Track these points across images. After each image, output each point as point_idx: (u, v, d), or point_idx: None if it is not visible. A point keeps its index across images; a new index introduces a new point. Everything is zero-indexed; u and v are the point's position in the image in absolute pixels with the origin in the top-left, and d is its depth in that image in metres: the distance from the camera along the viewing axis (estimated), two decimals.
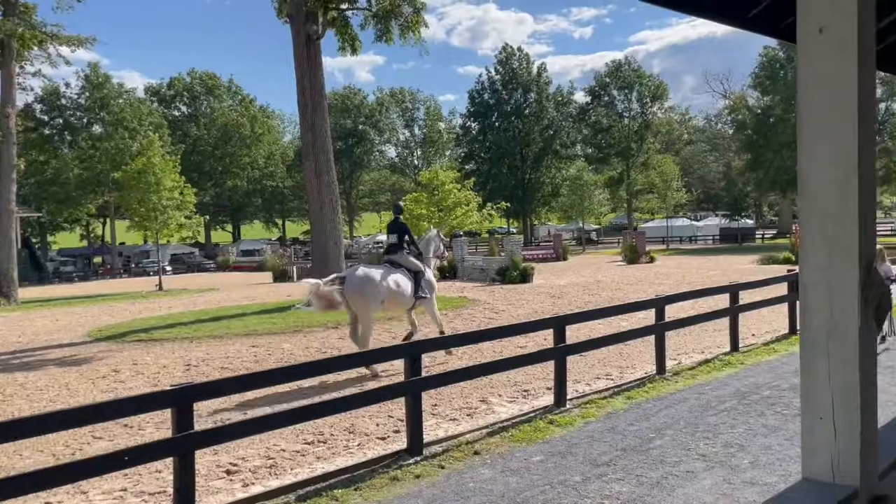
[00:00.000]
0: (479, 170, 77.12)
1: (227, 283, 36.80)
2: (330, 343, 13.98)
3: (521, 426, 7.57)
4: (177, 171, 34.87)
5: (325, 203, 21.62)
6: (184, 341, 15.10)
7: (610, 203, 71.73)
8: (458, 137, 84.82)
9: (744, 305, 12.13)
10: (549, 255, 43.54)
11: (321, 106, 22.03)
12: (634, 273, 29.75)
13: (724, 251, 47.01)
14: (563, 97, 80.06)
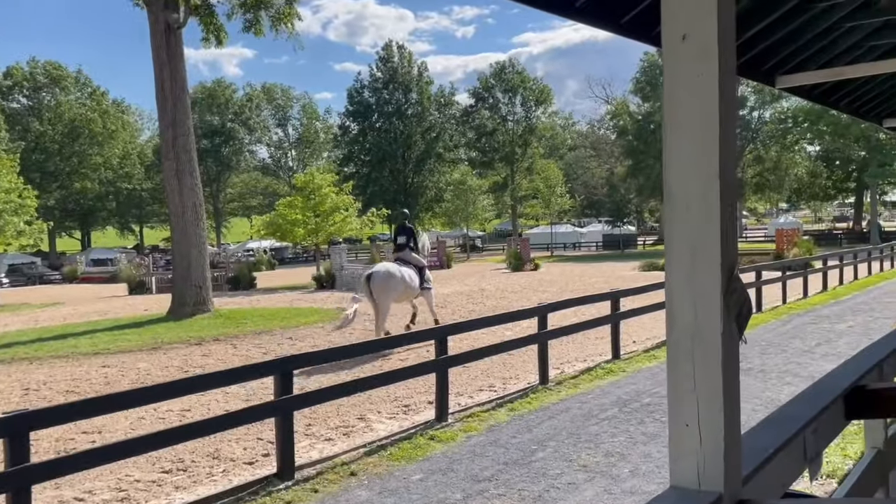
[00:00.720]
0: (359, 173, 76.89)
1: (75, 297, 34.64)
2: (193, 361, 13.44)
3: (401, 444, 7.57)
4: (15, 172, 32.55)
5: (187, 207, 20.83)
6: (22, 362, 14.07)
7: (494, 209, 73.39)
8: (337, 138, 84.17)
9: (625, 312, 12.71)
10: (433, 262, 43.93)
11: (182, 100, 21.23)
12: (519, 281, 30.56)
13: (607, 258, 49.19)
14: (446, 98, 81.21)
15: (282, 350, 14.01)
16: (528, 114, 77.10)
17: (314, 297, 26.84)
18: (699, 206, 1.71)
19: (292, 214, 35.17)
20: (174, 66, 20.85)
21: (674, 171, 1.75)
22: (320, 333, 16.42)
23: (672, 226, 1.76)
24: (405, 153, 77.58)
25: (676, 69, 1.75)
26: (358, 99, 78.71)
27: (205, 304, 20.77)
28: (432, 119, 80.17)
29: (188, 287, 20.65)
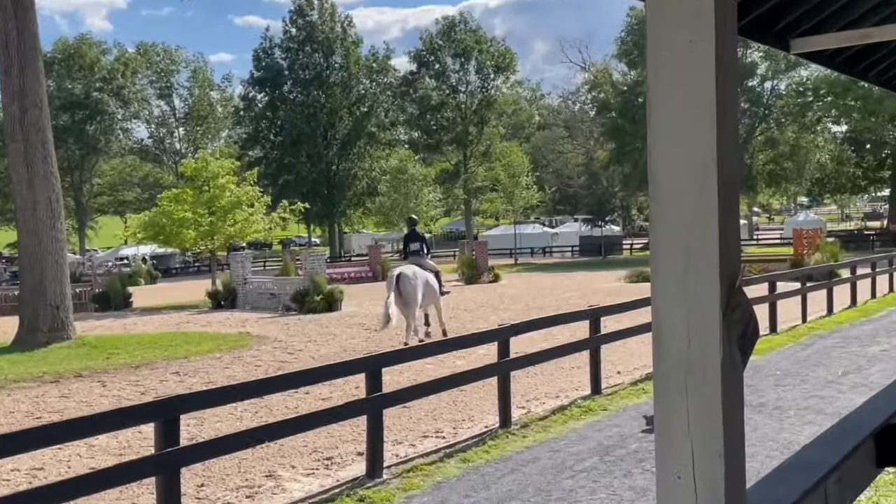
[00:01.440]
0: (268, 157, 76.47)
1: None
2: (48, 404, 13.16)
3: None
4: None
5: (39, 203, 20.44)
6: None
7: (443, 204, 73.67)
8: (239, 112, 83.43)
9: (607, 335, 12.88)
10: (364, 273, 43.85)
11: (34, 64, 20.83)
12: (474, 296, 30.72)
13: (585, 266, 49.77)
14: (379, 63, 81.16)
15: (166, 388, 13.82)
16: (485, 84, 77.69)
17: (209, 318, 26.55)
18: (692, 200, 1.74)
19: (180, 212, 34.69)
20: (21, 18, 20.45)
21: (660, 158, 1.77)
22: (217, 366, 16.25)
23: (658, 226, 1.78)
24: (328, 133, 77.37)
25: (662, 30, 1.77)
26: (266, 62, 78.21)
27: (63, 330, 20.40)
28: (362, 89, 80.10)
29: (41, 307, 20.26)
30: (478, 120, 76.65)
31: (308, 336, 20.51)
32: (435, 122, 77.64)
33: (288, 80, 78.04)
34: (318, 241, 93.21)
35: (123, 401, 12.93)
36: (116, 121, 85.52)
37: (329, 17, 78.89)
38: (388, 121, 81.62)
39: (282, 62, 78.69)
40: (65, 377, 15.59)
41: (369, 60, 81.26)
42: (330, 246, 79.69)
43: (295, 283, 28.66)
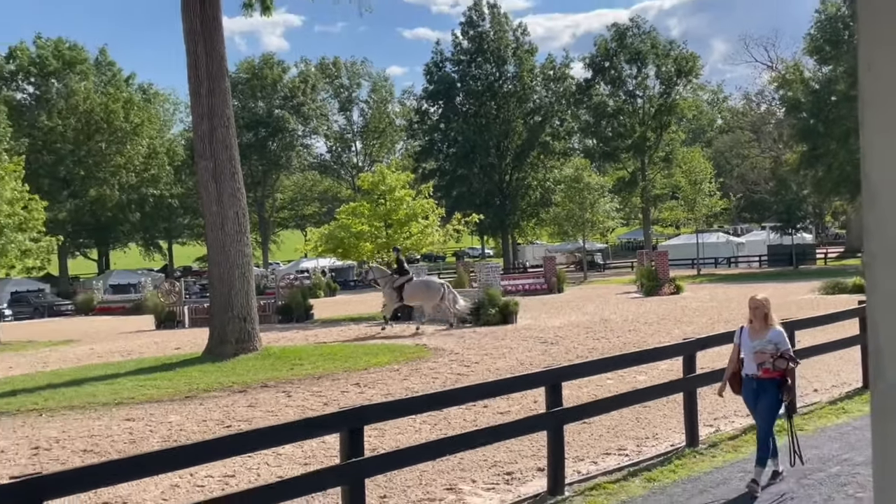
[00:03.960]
0: (442, 169, 77.57)
1: (92, 332, 36.21)
2: (237, 413, 13.83)
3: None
4: (19, 177, 34.37)
5: (227, 218, 21.45)
6: (30, 414, 14.82)
7: (621, 213, 72.55)
8: (413, 126, 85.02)
9: (802, 350, 12.31)
10: (539, 285, 43.84)
11: (221, 85, 21.91)
12: (655, 308, 30.07)
13: (775, 277, 47.83)
14: (557, 71, 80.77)
15: (347, 399, 14.25)
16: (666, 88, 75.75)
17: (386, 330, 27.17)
18: None
19: (357, 225, 35.69)
20: (210, 41, 21.57)
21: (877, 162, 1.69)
22: (395, 378, 16.60)
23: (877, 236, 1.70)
24: (501, 143, 77.75)
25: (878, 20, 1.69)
26: (439, 75, 79.23)
27: (250, 341, 21.27)
28: (536, 99, 79.98)
29: (229, 319, 21.20)
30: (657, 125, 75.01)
31: (484, 349, 20.64)
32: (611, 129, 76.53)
33: (460, 91, 78.85)
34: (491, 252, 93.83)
35: (307, 411, 13.43)
36: (297, 137, 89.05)
37: (501, 27, 79.21)
38: (564, 130, 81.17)
39: (453, 74, 79.51)
40: (252, 387, 16.33)
41: (545, 68, 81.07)
42: (503, 257, 79.98)
43: (470, 294, 28.94)
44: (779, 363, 7.79)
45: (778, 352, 7.87)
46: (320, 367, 18.27)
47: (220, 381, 17.04)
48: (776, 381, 7.86)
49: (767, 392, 7.87)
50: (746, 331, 8.12)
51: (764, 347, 7.90)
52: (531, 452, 9.90)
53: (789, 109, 67.94)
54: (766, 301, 8.21)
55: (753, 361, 7.95)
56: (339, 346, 22.63)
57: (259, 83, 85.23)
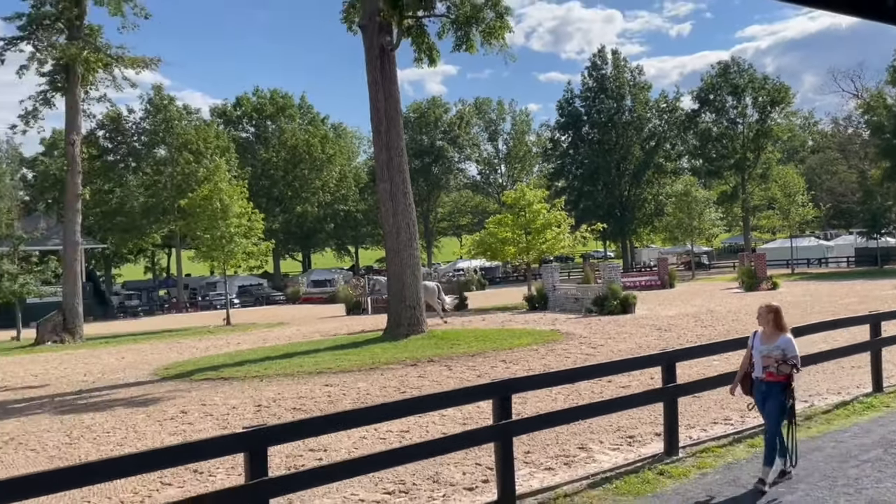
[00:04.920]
0: (571, 187, 76.77)
1: (298, 317, 37.71)
2: (409, 382, 14.11)
3: (627, 477, 7.42)
4: (245, 197, 36.16)
5: (401, 228, 21.91)
6: (254, 380, 15.55)
7: (723, 222, 69.84)
8: (547, 152, 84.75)
9: (888, 338, 11.53)
10: (653, 282, 42.68)
11: (396, 122, 22.42)
12: (754, 302, 28.66)
13: (862, 275, 44.92)
14: (668, 104, 78.93)
15: (496, 373, 14.32)
16: (762, 115, 72.57)
17: (526, 317, 27.11)
18: None
19: (502, 233, 35.82)
20: (388, 89, 22.13)
21: None
22: (534, 356, 16.54)
23: None
24: (620, 165, 76.43)
25: None
26: (568, 110, 78.76)
27: (418, 325, 21.68)
28: (651, 127, 78.46)
29: (403, 308, 21.68)
30: (755, 147, 71.74)
31: (607, 334, 20.30)
32: (715, 151, 73.72)
33: (586, 123, 78.08)
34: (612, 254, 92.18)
35: (464, 381, 13.56)
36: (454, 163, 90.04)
37: (620, 68, 78.03)
38: (674, 153, 79.16)
39: (581, 108, 78.84)
40: (421, 361, 16.63)
41: (658, 102, 79.39)
42: (623, 258, 78.41)
43: (594, 289, 28.51)
44: (783, 368, 6.91)
45: (784, 357, 6.97)
46: (474, 347, 18.42)
47: (396, 357, 17.42)
48: (781, 385, 6.98)
49: (773, 395, 6.98)
50: (759, 335, 7.22)
51: (771, 352, 7.03)
52: (650, 420, 9.68)
53: (874, 131, 63.77)
54: (776, 309, 7.24)
55: (761, 365, 7.10)
56: (488, 330, 22.75)
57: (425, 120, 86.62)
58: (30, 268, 36.81)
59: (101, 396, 14.97)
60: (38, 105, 33.36)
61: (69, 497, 7.60)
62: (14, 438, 11.20)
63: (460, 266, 70.59)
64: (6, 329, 42.48)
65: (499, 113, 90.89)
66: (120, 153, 69.74)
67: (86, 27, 33.35)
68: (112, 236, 66.86)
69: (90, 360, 22.42)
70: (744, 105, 72.54)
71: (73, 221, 32.92)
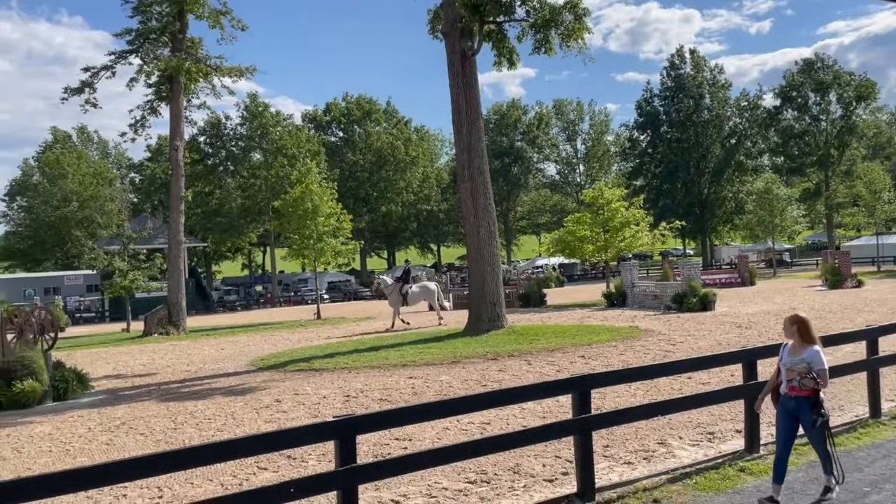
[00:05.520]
0: (650, 185, 75.38)
1: (383, 312, 38.13)
2: (490, 375, 14.11)
3: (707, 473, 7.24)
4: (334, 198, 36.86)
5: (481, 226, 21.91)
6: (342, 371, 15.84)
7: (806, 219, 67.17)
8: (625, 151, 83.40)
9: None
10: (734, 279, 41.38)
11: (477, 125, 22.43)
12: (838, 299, 27.54)
13: None
14: (750, 102, 76.47)
15: (575, 368, 14.17)
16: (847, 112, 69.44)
17: (605, 314, 26.71)
18: None
19: (581, 231, 35.39)
20: (469, 92, 22.17)
21: None
22: (613, 352, 16.29)
23: None
24: (699, 163, 74.50)
25: None
26: (647, 109, 77.32)
27: (499, 321, 21.63)
28: (732, 125, 76.21)
29: (483, 304, 21.68)
30: (839, 144, 68.80)
31: (686, 331, 19.81)
32: (798, 149, 71.04)
33: (665, 122, 76.44)
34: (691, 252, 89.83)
35: (544, 376, 13.48)
36: (533, 163, 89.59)
37: (699, 68, 76.04)
38: (755, 150, 76.62)
39: (659, 108, 77.28)
40: (501, 356, 16.59)
41: (739, 100, 77.02)
42: (702, 256, 76.31)
43: (674, 286, 27.87)
44: (806, 382, 6.27)
45: (809, 371, 6.32)
46: (553, 342, 18.26)
47: (477, 351, 17.43)
48: (809, 401, 6.31)
49: (804, 412, 6.33)
50: (788, 348, 6.58)
51: (795, 365, 6.40)
52: (730, 417, 9.41)
53: None
54: (801, 320, 6.51)
55: (786, 378, 6.48)
56: (567, 326, 22.52)
57: (504, 122, 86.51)
58: (138, 265, 38.56)
59: (203, 385, 15.54)
60: (145, 114, 34.83)
61: (174, 478, 7.93)
62: (125, 423, 11.74)
63: (539, 263, 70.15)
64: (117, 321, 44.61)
65: (577, 113, 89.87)
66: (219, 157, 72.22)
67: (187, 40, 34.59)
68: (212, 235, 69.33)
69: (192, 351, 23.28)
70: (827, 101, 69.65)
71: (176, 221, 34.22)
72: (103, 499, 7.53)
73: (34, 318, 15.17)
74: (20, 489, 4.69)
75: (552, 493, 6.97)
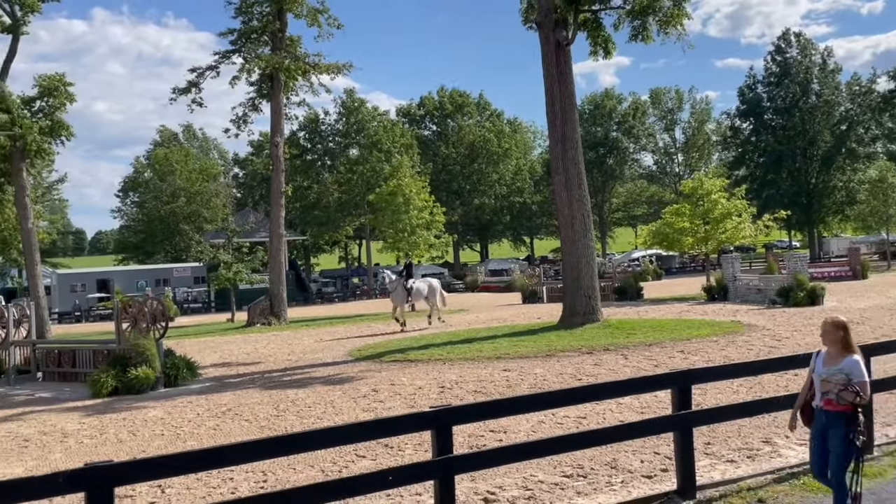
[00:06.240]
0: (753, 175, 72.57)
1: (476, 304, 38.33)
2: (585, 369, 13.95)
3: None
4: (427, 191, 37.25)
5: (576, 219, 21.63)
6: (437, 363, 16.00)
7: None
8: (727, 140, 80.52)
9: None
10: (843, 272, 39.37)
11: (571, 115, 22.14)
12: None
13: None
14: (862, 86, 72.39)
15: (673, 363, 13.83)
16: None
17: (705, 308, 25.93)
18: None
19: (679, 223, 34.51)
20: (563, 83, 21.90)
21: None
22: (714, 348, 15.80)
23: None
24: (807, 151, 71.10)
25: None
26: (750, 96, 74.34)
27: (594, 314, 21.32)
28: (841, 111, 72.35)
29: (578, 297, 21.41)
30: None
31: (793, 326, 18.98)
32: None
33: (769, 109, 73.30)
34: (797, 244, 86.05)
35: (641, 371, 13.22)
36: (628, 154, 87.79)
37: (805, 51, 72.51)
38: (869, 137, 72.50)
39: (763, 94, 74.17)
40: (596, 350, 16.36)
41: (850, 84, 73.04)
42: (809, 248, 72.93)
43: (779, 280, 26.76)
44: (844, 395, 5.42)
45: (848, 382, 5.46)
46: (650, 337, 17.85)
47: (572, 344, 17.25)
48: (844, 416, 5.46)
49: (835, 428, 5.48)
50: (823, 356, 5.75)
51: (832, 376, 5.54)
52: None
53: None
54: (841, 324, 5.65)
55: (820, 391, 5.63)
56: (665, 320, 21.97)
57: (599, 112, 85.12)
58: (241, 257, 40.09)
59: (303, 374, 16.02)
60: (247, 111, 36.06)
61: (277, 463, 8.22)
62: (231, 409, 12.24)
63: (635, 256, 68.77)
64: (222, 312, 46.53)
65: (676, 102, 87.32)
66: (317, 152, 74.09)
67: (286, 38, 35.55)
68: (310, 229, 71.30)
69: (293, 341, 24.02)
70: None
71: (277, 215, 35.32)
72: (211, 480, 7.88)
73: (147, 308, 15.98)
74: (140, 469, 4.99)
75: (651, 490, 6.84)
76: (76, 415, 12.81)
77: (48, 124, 31.59)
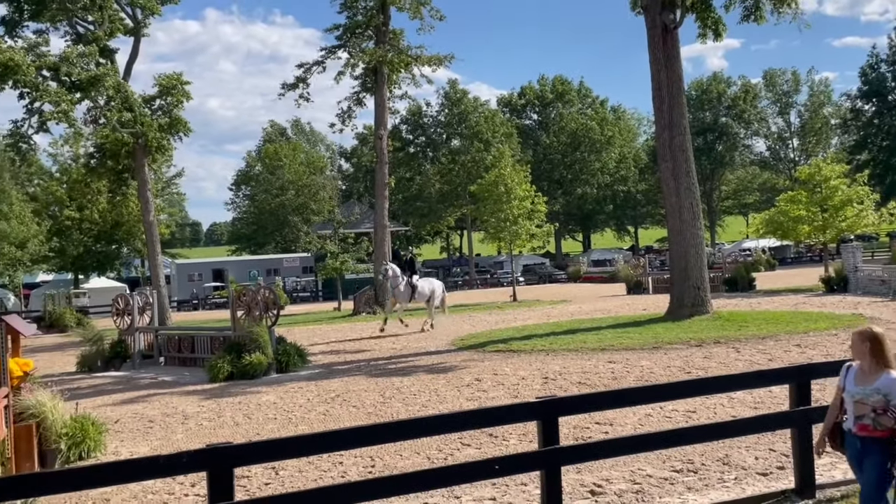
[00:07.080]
0: (875, 160, 68.39)
1: (579, 295, 37.89)
2: (694, 362, 13.56)
3: None
4: (528, 181, 37.01)
5: (683, 207, 21.03)
6: (540, 353, 15.93)
7: None
8: (846, 123, 76.12)
9: None
10: None
11: (679, 101, 21.52)
12: None
13: None
14: None
15: (790, 357, 13.25)
16: None
17: (822, 300, 24.70)
18: None
19: (795, 210, 32.95)
20: (670, 67, 21.30)
21: None
22: (833, 342, 15.03)
23: None
24: None
25: None
26: (872, 76, 69.97)
27: (703, 306, 20.72)
28: None
29: (686, 288, 20.84)
30: None
31: None
32: None
33: (894, 89, 68.80)
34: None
35: (754, 365, 12.75)
36: (739, 139, 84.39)
37: None
38: None
39: (887, 74, 69.63)
40: (706, 342, 15.88)
41: None
42: None
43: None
44: (883, 421, 4.67)
45: (887, 405, 4.70)
46: (764, 329, 17.15)
47: (680, 337, 16.81)
48: (881, 443, 4.71)
49: (870, 456, 4.75)
50: (854, 371, 4.98)
51: (867, 397, 4.77)
52: None
53: None
54: (875, 336, 4.88)
55: (853, 413, 4.87)
56: (779, 312, 21.06)
57: (707, 97, 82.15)
58: (347, 248, 41.10)
59: (407, 362, 16.29)
60: (352, 105, 36.84)
61: (385, 449, 8.40)
62: (339, 395, 12.59)
63: (746, 246, 66.16)
64: (329, 301, 47.86)
65: (793, 84, 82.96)
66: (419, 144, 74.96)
67: (389, 32, 36.07)
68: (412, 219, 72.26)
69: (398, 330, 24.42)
70: None
71: (381, 207, 35.97)
72: (322, 464, 8.14)
73: (259, 296, 16.63)
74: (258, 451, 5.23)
75: (766, 488, 6.59)
76: (195, 398, 13.49)
77: (167, 121, 33.29)
